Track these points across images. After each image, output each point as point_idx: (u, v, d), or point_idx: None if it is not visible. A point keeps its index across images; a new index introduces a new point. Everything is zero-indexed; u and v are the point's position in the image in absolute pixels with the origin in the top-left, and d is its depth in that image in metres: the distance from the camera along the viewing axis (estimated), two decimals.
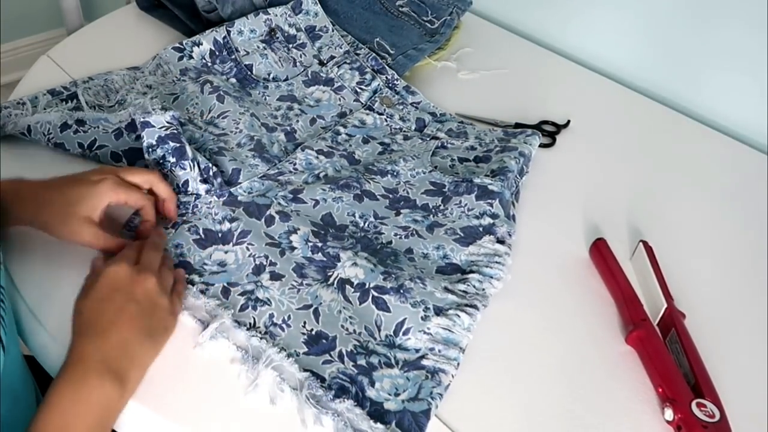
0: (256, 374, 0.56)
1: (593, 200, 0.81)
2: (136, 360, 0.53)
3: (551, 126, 0.92)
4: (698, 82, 0.98)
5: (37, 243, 0.64)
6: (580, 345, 0.65)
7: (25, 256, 0.64)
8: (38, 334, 0.59)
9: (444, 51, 1.03)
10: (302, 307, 0.62)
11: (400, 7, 1.04)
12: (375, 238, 0.70)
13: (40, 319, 0.59)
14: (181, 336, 0.59)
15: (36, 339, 0.59)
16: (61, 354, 0.52)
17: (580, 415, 0.59)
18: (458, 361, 0.59)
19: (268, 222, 0.69)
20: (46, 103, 0.79)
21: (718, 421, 0.56)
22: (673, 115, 0.99)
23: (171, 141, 0.68)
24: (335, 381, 0.57)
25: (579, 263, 0.73)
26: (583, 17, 1.06)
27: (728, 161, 0.92)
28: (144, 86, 0.85)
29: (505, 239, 0.71)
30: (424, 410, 0.55)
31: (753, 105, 0.94)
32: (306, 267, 0.66)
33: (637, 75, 1.04)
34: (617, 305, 0.68)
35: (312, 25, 0.96)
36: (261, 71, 0.90)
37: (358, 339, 0.60)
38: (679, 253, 0.75)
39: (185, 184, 0.70)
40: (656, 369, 0.61)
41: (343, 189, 0.74)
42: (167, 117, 0.68)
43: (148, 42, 0.95)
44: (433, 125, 0.87)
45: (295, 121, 0.85)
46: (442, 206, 0.74)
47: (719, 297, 0.71)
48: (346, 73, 0.92)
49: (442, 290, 0.64)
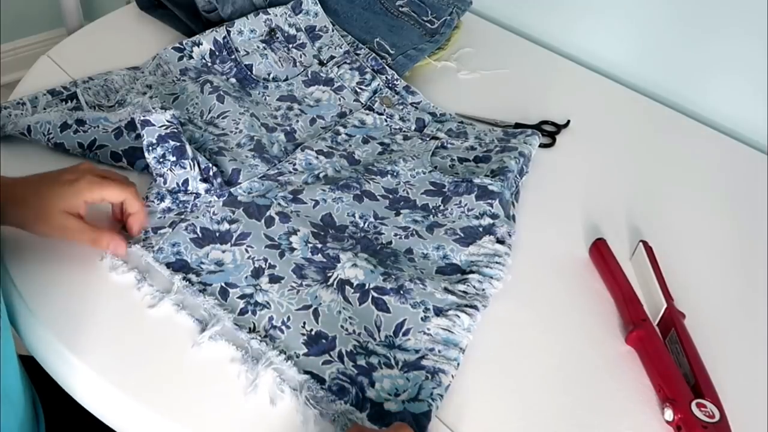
0: (255, 375, 0.56)
1: (593, 200, 0.81)
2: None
3: (551, 126, 0.92)
4: (698, 82, 0.98)
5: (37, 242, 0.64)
6: (580, 345, 0.65)
7: (26, 256, 0.64)
8: (37, 334, 0.59)
9: (444, 51, 1.03)
10: (302, 307, 0.62)
11: (400, 7, 1.04)
12: (375, 238, 0.70)
13: (40, 319, 0.59)
14: (180, 336, 0.59)
15: (35, 339, 0.59)
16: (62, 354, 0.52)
17: (580, 415, 0.59)
18: (458, 361, 0.59)
19: (268, 223, 0.69)
20: (46, 103, 0.79)
21: (718, 422, 0.56)
22: (673, 115, 0.99)
23: (171, 140, 0.68)
24: (335, 382, 0.56)
25: (579, 263, 0.73)
26: (583, 17, 1.06)
27: (728, 161, 0.91)
28: (144, 86, 0.85)
29: (505, 239, 0.71)
30: (424, 411, 0.55)
31: (753, 105, 0.94)
32: (305, 268, 0.66)
33: (638, 75, 1.04)
34: (617, 305, 0.68)
35: (312, 25, 0.96)
36: (261, 71, 0.90)
37: (358, 339, 0.60)
38: (679, 253, 0.75)
39: (185, 183, 0.70)
40: (656, 369, 0.61)
41: (342, 189, 0.74)
42: (167, 116, 0.68)
43: (148, 42, 0.94)
44: (433, 125, 0.87)
45: (295, 121, 0.85)
46: (442, 206, 0.74)
47: (719, 297, 0.71)
48: (346, 73, 0.92)
49: (442, 291, 0.64)
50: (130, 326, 0.60)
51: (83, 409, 0.57)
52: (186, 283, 0.62)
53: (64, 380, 0.58)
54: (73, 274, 0.63)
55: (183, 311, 0.61)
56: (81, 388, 0.57)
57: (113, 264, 0.64)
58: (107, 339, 0.58)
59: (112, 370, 0.56)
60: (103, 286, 0.62)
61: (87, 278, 0.63)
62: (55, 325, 0.59)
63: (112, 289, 0.62)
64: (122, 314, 0.60)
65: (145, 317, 0.60)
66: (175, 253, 0.65)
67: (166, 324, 0.60)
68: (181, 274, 0.63)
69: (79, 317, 0.60)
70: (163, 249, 0.65)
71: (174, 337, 0.59)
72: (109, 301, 0.61)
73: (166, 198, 0.70)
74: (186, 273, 0.63)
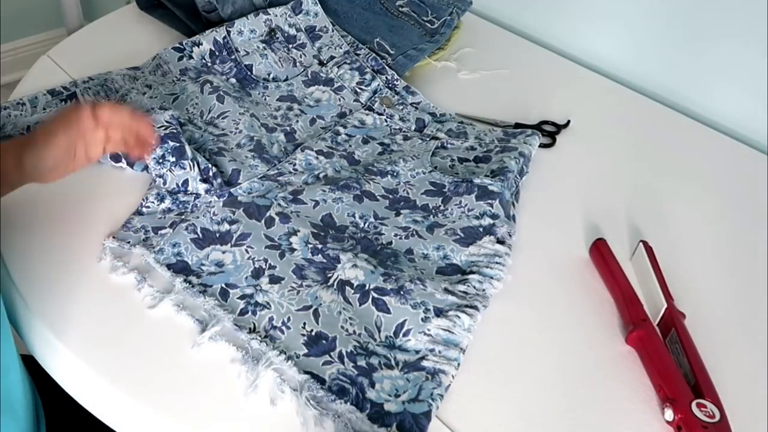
0: (255, 375, 0.56)
1: (593, 200, 0.81)
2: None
3: (551, 126, 0.92)
4: (698, 82, 0.98)
5: (37, 242, 0.65)
6: (580, 345, 0.65)
7: (26, 256, 0.64)
8: (37, 334, 0.59)
9: (444, 51, 1.03)
10: (302, 308, 0.62)
11: (400, 7, 1.04)
12: (375, 238, 0.70)
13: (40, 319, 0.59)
14: (180, 336, 0.59)
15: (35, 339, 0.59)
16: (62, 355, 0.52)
17: (580, 415, 0.59)
18: (458, 361, 0.59)
19: (268, 224, 0.69)
20: (46, 104, 0.79)
21: (718, 422, 0.56)
22: (673, 115, 0.99)
23: (170, 140, 0.68)
24: (335, 382, 0.56)
25: (579, 263, 0.73)
26: (583, 17, 1.06)
27: (728, 161, 0.91)
28: (144, 86, 0.85)
29: (506, 239, 0.71)
30: (424, 412, 0.55)
31: (753, 105, 0.94)
32: (306, 268, 0.66)
33: (638, 75, 1.04)
34: (617, 305, 0.68)
35: (312, 26, 0.96)
36: (261, 71, 0.90)
37: (358, 340, 0.60)
38: (679, 253, 0.75)
39: (185, 184, 0.70)
40: (656, 369, 0.61)
41: (342, 189, 0.74)
42: (166, 116, 0.68)
43: (148, 42, 0.95)
44: (433, 125, 0.87)
45: (295, 122, 0.85)
46: (442, 206, 0.74)
47: (719, 297, 0.71)
48: (346, 73, 0.92)
49: (443, 291, 0.64)
50: (131, 327, 0.60)
51: (83, 409, 0.57)
52: (186, 285, 0.62)
53: (63, 380, 0.58)
54: (74, 274, 0.63)
55: (183, 312, 0.61)
56: (81, 388, 0.57)
57: (113, 265, 0.64)
58: (107, 339, 0.58)
59: (113, 370, 0.56)
60: (103, 287, 0.62)
61: (87, 279, 0.63)
62: (55, 325, 0.59)
63: (113, 290, 0.62)
64: (122, 315, 0.60)
65: (145, 318, 0.60)
66: (176, 254, 0.65)
67: (167, 324, 0.60)
68: (181, 276, 0.63)
69: (79, 317, 0.60)
70: (163, 250, 0.65)
71: (174, 337, 0.59)
72: (110, 301, 0.61)
73: (166, 198, 0.70)
74: (187, 275, 0.63)
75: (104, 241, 0.65)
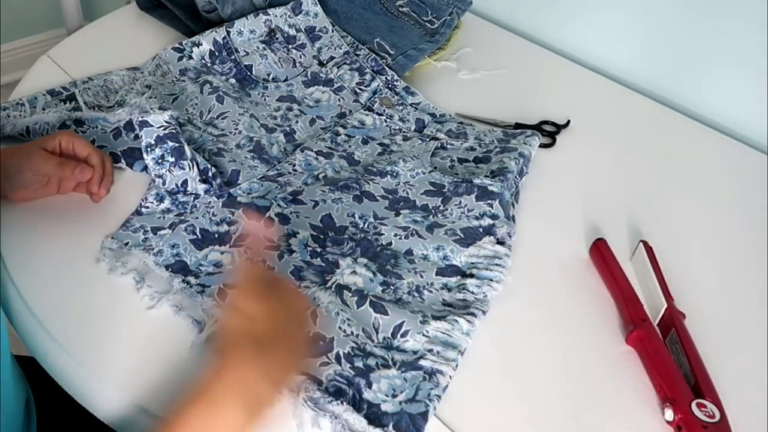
0: None
1: (593, 200, 0.81)
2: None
3: (551, 126, 0.92)
4: (698, 82, 0.98)
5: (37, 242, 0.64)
6: (580, 345, 0.64)
7: (26, 256, 0.64)
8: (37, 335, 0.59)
9: (444, 51, 1.03)
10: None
11: (400, 7, 1.04)
12: (375, 239, 0.70)
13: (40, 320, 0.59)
14: (179, 336, 0.59)
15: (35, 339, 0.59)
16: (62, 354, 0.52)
17: (580, 414, 0.59)
18: (456, 362, 0.59)
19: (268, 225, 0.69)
20: (45, 104, 0.79)
21: (718, 422, 0.55)
22: (673, 115, 0.98)
23: (170, 140, 0.68)
24: (332, 383, 0.56)
25: (579, 263, 0.73)
26: (583, 17, 1.06)
27: (728, 161, 0.91)
28: (143, 86, 0.85)
29: (505, 240, 0.71)
30: (421, 412, 0.55)
31: (753, 105, 0.94)
32: (304, 270, 0.65)
33: (637, 75, 1.04)
34: (617, 305, 0.68)
35: (312, 26, 0.96)
36: (261, 72, 0.90)
37: (356, 341, 0.60)
38: (679, 253, 0.75)
39: (184, 184, 0.70)
40: (656, 369, 0.61)
41: (342, 190, 0.74)
42: (165, 116, 0.68)
43: (148, 42, 0.94)
44: (433, 126, 0.87)
45: (295, 122, 0.85)
46: (441, 207, 0.74)
47: (719, 297, 0.71)
48: (346, 73, 0.92)
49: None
50: (130, 327, 0.60)
51: (82, 409, 0.57)
52: (184, 285, 0.62)
53: (63, 380, 0.58)
54: (73, 275, 0.63)
55: (181, 312, 0.61)
56: (80, 388, 0.57)
57: (112, 266, 0.64)
58: (106, 339, 0.58)
59: (112, 370, 0.56)
60: (102, 287, 0.62)
61: (86, 279, 0.63)
62: (55, 325, 0.59)
63: (112, 290, 0.62)
64: (121, 315, 0.60)
65: (144, 318, 0.60)
66: (175, 255, 0.65)
67: (165, 325, 0.60)
68: (180, 277, 0.63)
69: (78, 318, 0.60)
70: (162, 251, 0.65)
71: (173, 337, 0.59)
72: (109, 302, 0.61)
73: (165, 199, 0.70)
74: (185, 275, 0.63)
75: (103, 242, 0.65)
